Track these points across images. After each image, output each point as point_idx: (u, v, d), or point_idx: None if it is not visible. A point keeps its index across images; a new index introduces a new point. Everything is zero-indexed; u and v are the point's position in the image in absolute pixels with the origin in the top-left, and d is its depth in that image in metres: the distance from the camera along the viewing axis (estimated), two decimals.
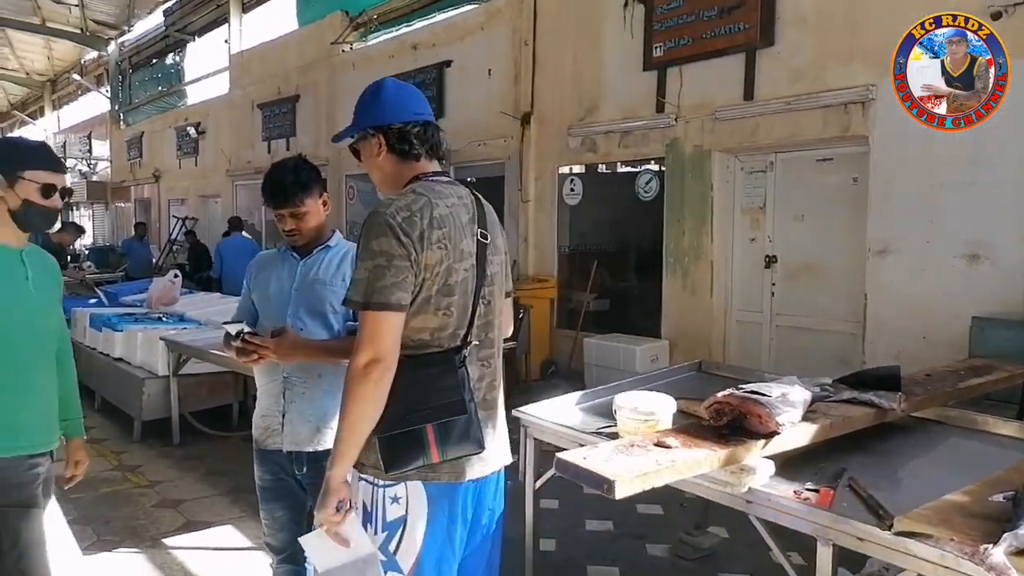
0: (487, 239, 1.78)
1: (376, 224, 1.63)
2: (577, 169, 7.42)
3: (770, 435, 2.21)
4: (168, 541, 3.76)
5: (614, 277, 7.59)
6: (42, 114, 24.68)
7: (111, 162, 19.29)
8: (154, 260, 13.20)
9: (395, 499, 1.70)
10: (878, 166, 5.09)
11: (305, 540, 1.77)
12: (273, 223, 12.28)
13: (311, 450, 2.28)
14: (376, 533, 1.71)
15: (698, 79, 6.10)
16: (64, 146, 20.26)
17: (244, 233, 10.51)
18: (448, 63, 8.64)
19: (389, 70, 9.40)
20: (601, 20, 6.91)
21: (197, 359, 5.09)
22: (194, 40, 15.67)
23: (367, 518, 1.72)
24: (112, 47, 18.23)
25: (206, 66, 15.35)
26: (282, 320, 2.27)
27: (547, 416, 2.89)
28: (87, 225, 18.21)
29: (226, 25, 13.99)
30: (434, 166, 1.84)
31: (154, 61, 17.48)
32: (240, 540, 3.83)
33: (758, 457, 2.19)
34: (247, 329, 2.19)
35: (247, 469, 4.87)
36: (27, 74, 22.75)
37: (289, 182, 2.24)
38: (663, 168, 6.55)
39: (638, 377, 3.45)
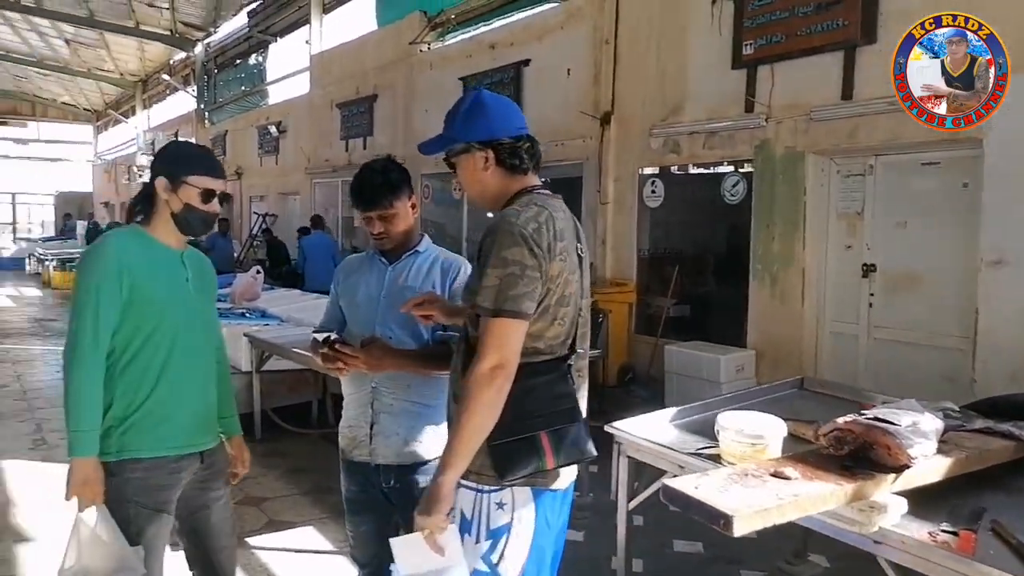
0: (583, 253, 1.82)
1: (509, 234, 1.64)
2: (659, 171, 7.20)
3: (900, 469, 2.01)
4: (252, 540, 3.78)
5: (696, 282, 7.35)
6: (134, 113, 25.86)
7: None
8: (236, 255, 13.59)
9: (500, 505, 1.69)
10: (994, 170, 4.71)
11: (396, 543, 1.72)
12: (351, 223, 12.49)
13: (399, 463, 2.20)
14: (478, 541, 1.69)
15: (791, 78, 5.81)
16: (153, 144, 21.13)
17: (325, 230, 10.69)
18: (526, 62, 8.54)
19: (467, 70, 9.40)
20: (687, 18, 6.68)
21: (279, 356, 5.14)
22: (276, 41, 16.08)
23: (466, 526, 1.70)
24: (199, 48, 18.93)
25: (287, 66, 15.76)
26: (370, 327, 2.20)
27: (641, 433, 2.74)
28: None
29: (307, 26, 14.29)
30: (537, 179, 1.84)
31: (238, 61, 18.04)
32: (323, 543, 3.82)
33: (888, 493, 1.99)
34: (334, 336, 2.13)
35: (327, 467, 4.91)
36: (121, 75, 23.90)
37: (378, 183, 2.16)
38: (750, 170, 6.27)
39: (735, 394, 3.26)
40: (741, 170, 6.45)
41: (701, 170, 6.98)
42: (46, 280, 17.34)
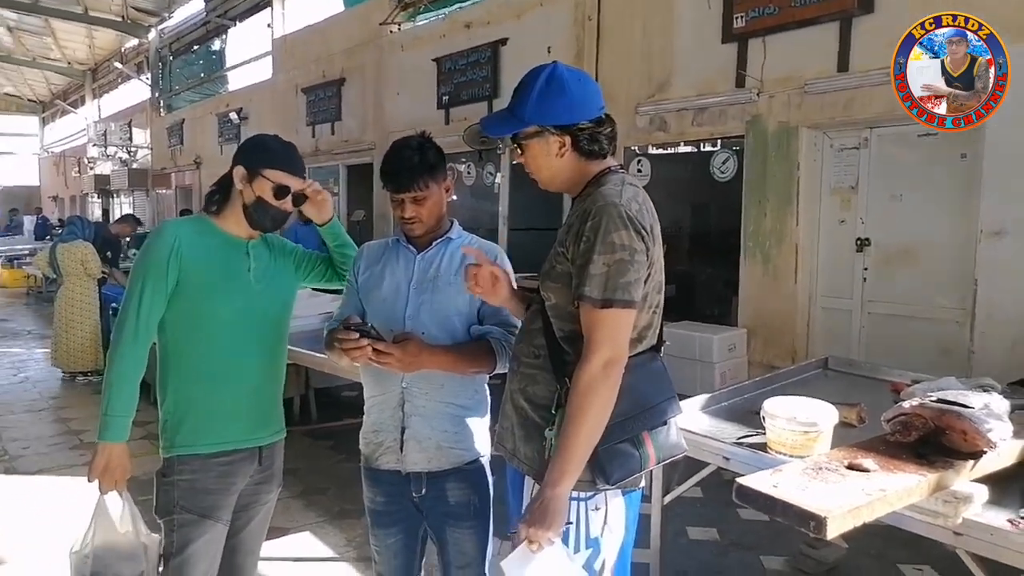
0: None
1: (615, 216, 1.51)
2: (645, 149, 7.03)
3: (978, 454, 1.87)
4: None
5: (684, 262, 7.23)
6: (83, 103, 24.85)
7: (151, 149, 19.27)
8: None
9: (596, 509, 1.60)
10: (995, 141, 4.64)
11: (508, 564, 1.52)
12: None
13: (431, 469, 1.99)
14: (579, 550, 1.57)
15: (784, 51, 5.67)
16: (105, 134, 20.35)
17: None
18: (504, 41, 8.28)
19: (440, 50, 9.10)
20: None
21: None
22: (235, 25, 15.48)
23: (563, 536, 1.55)
24: (152, 34, 18.18)
25: (248, 51, 15.18)
26: (398, 322, 1.97)
27: None
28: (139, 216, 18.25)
29: (268, 9, 13.77)
30: (614, 160, 1.70)
31: (195, 47, 17.37)
32: (321, 549, 3.60)
33: (968, 482, 1.85)
34: (363, 323, 1.88)
35: (316, 467, 4.67)
36: (69, 63, 22.91)
37: (415, 163, 1.93)
38: (741, 147, 6.14)
39: (764, 378, 3.11)
40: (731, 147, 6.31)
41: (690, 148, 6.82)
42: None
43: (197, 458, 1.99)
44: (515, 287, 1.85)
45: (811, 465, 1.82)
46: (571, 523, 1.57)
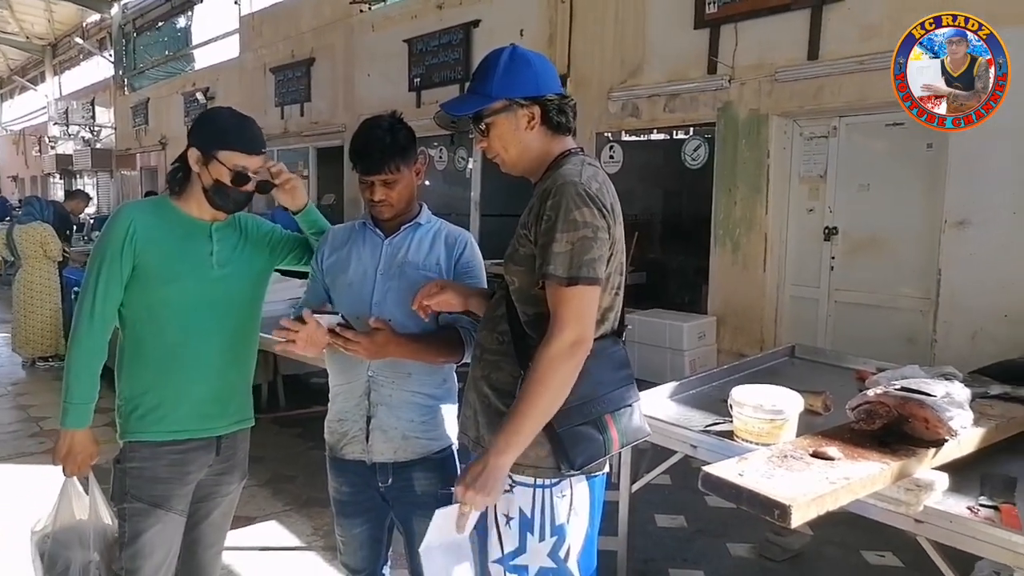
0: None
1: (576, 194, 1.49)
2: (617, 135, 7.02)
3: (939, 442, 1.89)
4: None
5: (654, 249, 7.25)
6: (43, 79, 24.13)
7: (115, 129, 18.79)
8: None
9: (562, 496, 1.59)
10: (961, 132, 4.69)
11: (441, 514, 1.56)
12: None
13: (398, 460, 1.96)
14: (543, 539, 1.58)
15: (756, 38, 5.68)
16: (67, 113, 19.82)
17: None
18: (476, 23, 8.19)
19: (411, 31, 8.97)
20: None
21: None
22: (202, 1, 15.12)
23: (527, 524, 1.58)
24: (115, 9, 17.69)
25: (215, 29, 14.84)
26: (364, 308, 1.91)
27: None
28: (91, 194, 17.83)
29: None
30: (573, 142, 1.69)
31: (160, 24, 16.93)
32: (288, 538, 3.55)
33: (929, 469, 1.87)
34: (341, 320, 1.82)
35: (283, 456, 4.61)
36: (27, 38, 22.19)
37: (386, 144, 1.87)
38: (713, 134, 6.15)
39: (732, 366, 3.12)
40: (703, 134, 6.32)
41: (662, 135, 6.83)
42: None
43: (147, 445, 1.94)
44: (465, 289, 1.83)
45: (776, 453, 1.82)
46: (532, 512, 1.57)
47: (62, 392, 1.92)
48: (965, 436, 1.95)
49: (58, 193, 21.87)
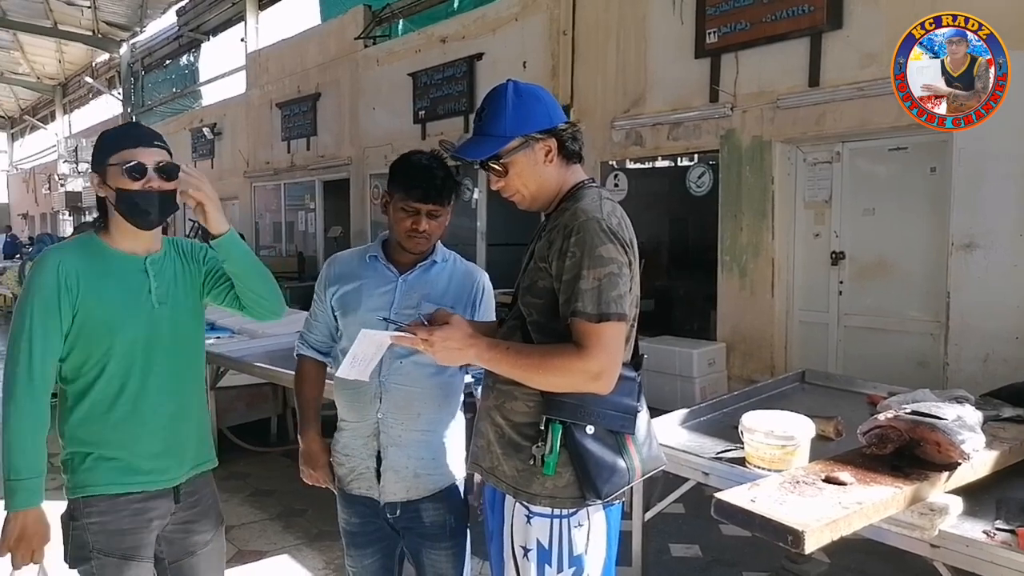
0: None
1: (600, 230, 1.50)
2: (622, 163, 7.08)
3: (952, 466, 1.88)
4: None
5: (661, 276, 7.26)
6: (53, 118, 24.54)
7: None
8: None
9: (579, 526, 1.59)
10: (964, 154, 4.73)
11: (367, 333, 1.61)
12: (292, 228, 11.84)
13: (409, 498, 1.96)
14: (561, 570, 1.58)
15: (756, 66, 5.75)
16: (76, 150, 20.06)
17: None
18: (479, 56, 8.32)
19: (416, 65, 9.11)
20: (647, 7, 6.57)
21: (238, 371, 4.78)
22: (209, 40, 15.42)
23: (544, 556, 1.57)
24: (124, 48, 18.01)
25: (222, 66, 15.11)
26: None
27: None
28: None
29: (242, 23, 13.72)
30: (583, 173, 1.71)
31: (167, 62, 17.25)
32: (300, 572, 3.52)
33: (943, 493, 1.86)
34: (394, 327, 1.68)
35: (294, 488, 4.59)
36: (38, 78, 22.60)
37: (442, 176, 1.88)
38: (717, 161, 6.20)
39: (742, 392, 3.12)
40: (707, 161, 6.37)
41: (666, 162, 6.88)
42: None
43: (104, 498, 1.77)
44: (474, 324, 1.74)
45: (789, 479, 1.81)
46: (550, 543, 1.56)
47: (4, 469, 1.68)
48: (978, 459, 1.94)
49: (67, 230, 22.09)
